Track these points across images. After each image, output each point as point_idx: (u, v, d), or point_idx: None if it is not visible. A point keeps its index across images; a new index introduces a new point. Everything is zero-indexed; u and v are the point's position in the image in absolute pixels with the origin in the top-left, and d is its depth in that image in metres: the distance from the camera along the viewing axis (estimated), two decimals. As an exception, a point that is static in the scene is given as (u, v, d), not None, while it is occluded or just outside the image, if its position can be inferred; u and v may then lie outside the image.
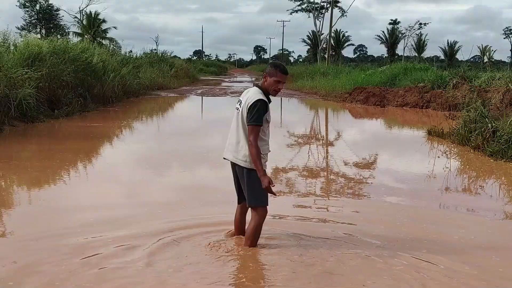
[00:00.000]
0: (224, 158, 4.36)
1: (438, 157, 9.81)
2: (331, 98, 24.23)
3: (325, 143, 11.98)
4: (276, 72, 4.15)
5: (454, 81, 17.72)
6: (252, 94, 4.17)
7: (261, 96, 4.12)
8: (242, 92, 4.54)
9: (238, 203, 4.50)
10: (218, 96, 25.60)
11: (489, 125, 9.70)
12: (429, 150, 10.42)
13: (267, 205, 4.24)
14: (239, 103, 4.24)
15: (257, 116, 4.02)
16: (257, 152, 4.01)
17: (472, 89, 13.58)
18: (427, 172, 8.18)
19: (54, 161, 8.47)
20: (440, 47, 72.50)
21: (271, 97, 4.26)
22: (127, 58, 26.88)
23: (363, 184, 7.39)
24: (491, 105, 12.89)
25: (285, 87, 4.34)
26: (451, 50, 68.74)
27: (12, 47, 13.93)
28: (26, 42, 14.23)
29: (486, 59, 68.28)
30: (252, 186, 4.14)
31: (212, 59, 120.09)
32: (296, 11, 54.74)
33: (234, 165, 4.30)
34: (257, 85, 4.27)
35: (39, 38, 18.22)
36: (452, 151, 10.23)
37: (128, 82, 21.37)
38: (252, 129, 4.03)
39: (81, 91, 15.77)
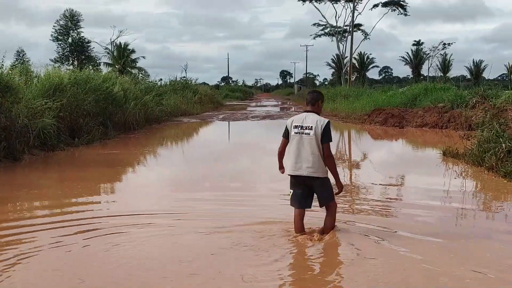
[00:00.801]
0: (292, 175, 5.26)
1: (455, 178, 9.63)
2: (351, 120, 24.20)
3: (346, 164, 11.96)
4: (323, 98, 5.49)
5: (474, 100, 17.50)
6: (318, 118, 5.20)
7: (327, 118, 5.25)
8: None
9: (301, 208, 5.35)
10: (239, 120, 25.89)
11: (503, 144, 9.51)
12: (444, 172, 10.27)
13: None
14: (298, 127, 5.16)
15: (330, 135, 5.17)
16: (335, 162, 5.26)
17: (486, 108, 13.38)
18: (441, 195, 8.04)
19: (75, 189, 8.56)
20: (466, 66, 71.68)
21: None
22: (150, 86, 27.45)
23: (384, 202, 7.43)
24: (510, 124, 12.61)
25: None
26: (476, 69, 67.64)
27: (35, 79, 14.42)
28: (48, 73, 14.76)
29: (513, 77, 67.02)
30: (327, 189, 5.29)
31: (239, 84, 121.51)
32: (320, 35, 55.37)
33: (305, 179, 5.17)
34: (312, 112, 5.27)
35: (71, 69, 18.92)
36: (466, 172, 10.05)
37: (150, 109, 21.84)
38: (328, 146, 5.13)
39: (101, 119, 16.17)
